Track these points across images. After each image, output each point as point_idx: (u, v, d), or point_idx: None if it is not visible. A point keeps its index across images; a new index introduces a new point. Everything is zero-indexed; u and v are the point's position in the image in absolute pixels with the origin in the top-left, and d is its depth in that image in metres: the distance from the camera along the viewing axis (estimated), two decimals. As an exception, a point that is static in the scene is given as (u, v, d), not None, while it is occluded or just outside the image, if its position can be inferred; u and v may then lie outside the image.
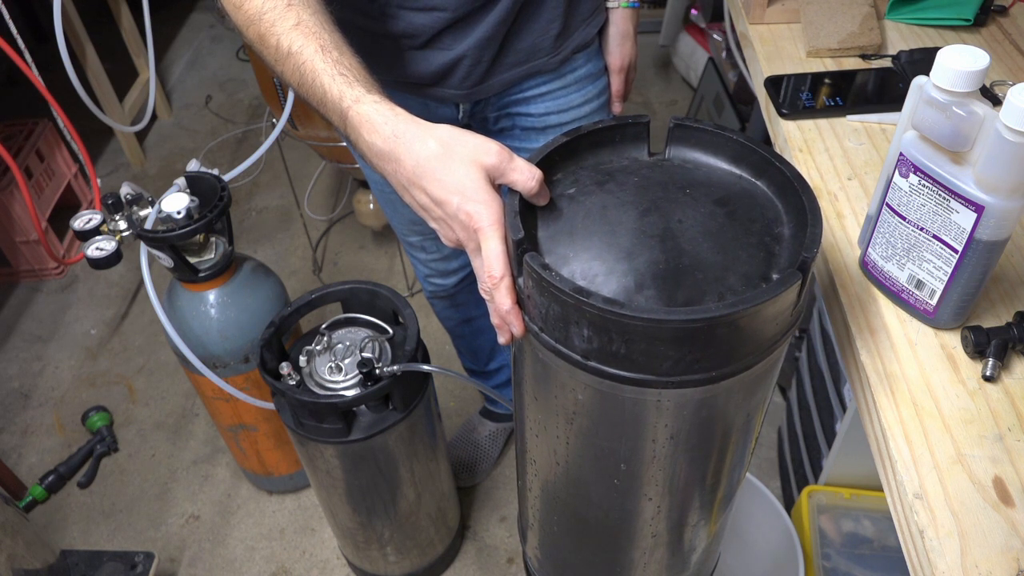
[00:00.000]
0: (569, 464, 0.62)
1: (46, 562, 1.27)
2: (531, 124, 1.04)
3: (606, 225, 0.55)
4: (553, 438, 0.61)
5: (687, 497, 0.63)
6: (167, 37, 3.14)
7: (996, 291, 0.74)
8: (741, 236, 0.54)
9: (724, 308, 0.47)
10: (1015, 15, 1.09)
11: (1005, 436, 0.63)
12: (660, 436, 0.55)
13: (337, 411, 1.10)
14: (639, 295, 0.50)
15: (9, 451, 1.78)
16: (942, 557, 0.57)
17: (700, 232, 0.54)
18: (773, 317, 0.50)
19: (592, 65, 1.04)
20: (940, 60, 0.59)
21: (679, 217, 0.55)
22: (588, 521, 0.67)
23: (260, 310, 1.33)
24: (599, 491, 0.62)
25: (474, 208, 0.54)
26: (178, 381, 1.89)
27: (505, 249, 0.54)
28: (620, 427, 0.55)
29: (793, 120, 0.95)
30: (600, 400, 0.53)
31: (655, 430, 0.54)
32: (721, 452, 0.60)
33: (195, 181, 1.26)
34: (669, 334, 0.47)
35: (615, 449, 0.57)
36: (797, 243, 0.53)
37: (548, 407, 0.59)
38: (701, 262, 0.52)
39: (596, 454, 0.59)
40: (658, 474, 0.59)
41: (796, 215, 0.54)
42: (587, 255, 0.53)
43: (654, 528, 0.65)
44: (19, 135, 2.12)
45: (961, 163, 0.62)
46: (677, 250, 0.53)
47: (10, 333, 2.06)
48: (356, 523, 1.33)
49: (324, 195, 2.39)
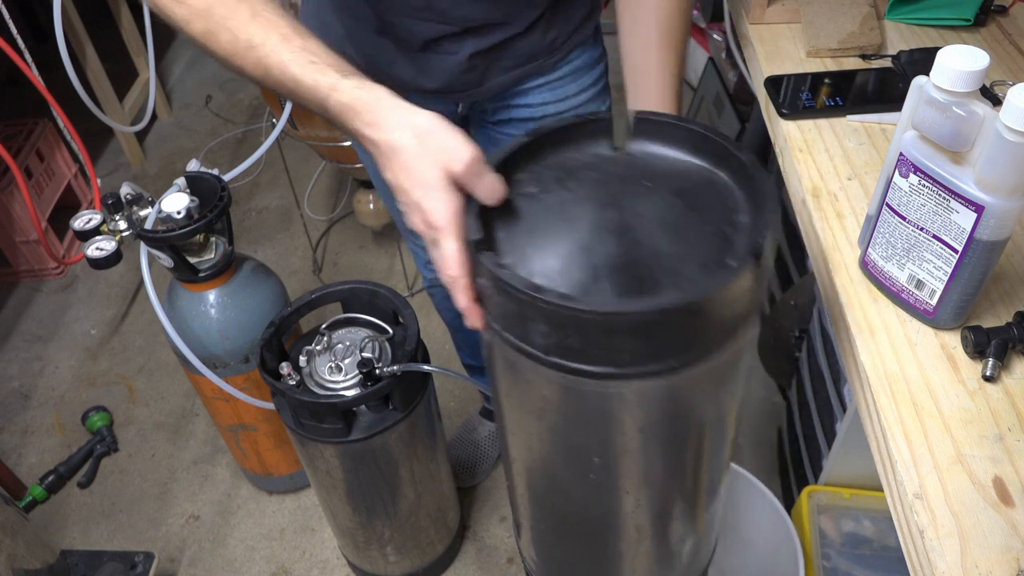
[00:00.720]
0: (545, 460, 0.63)
1: (46, 562, 1.27)
2: (528, 115, 1.04)
3: (565, 222, 0.55)
4: (527, 435, 0.62)
5: (666, 489, 0.63)
6: (167, 37, 3.14)
7: (996, 291, 0.74)
8: (699, 225, 0.54)
9: (675, 297, 0.47)
10: (1015, 15, 1.09)
11: (1005, 436, 0.63)
12: (629, 429, 0.55)
13: (337, 411, 1.10)
14: (595, 288, 0.51)
15: (9, 451, 1.78)
16: (942, 557, 0.57)
17: (658, 224, 0.55)
18: (729, 304, 0.50)
19: (587, 56, 1.04)
20: (940, 60, 0.59)
21: (637, 210, 0.56)
22: (570, 517, 0.67)
23: (260, 310, 1.33)
24: (576, 487, 0.62)
25: (433, 206, 0.55)
26: (178, 381, 1.89)
27: (462, 248, 0.54)
28: (588, 422, 0.55)
29: (793, 120, 0.95)
30: (565, 395, 0.54)
31: (623, 423, 0.55)
32: (696, 444, 0.60)
33: (195, 181, 1.26)
34: (623, 326, 0.47)
35: (586, 444, 0.58)
36: (756, 230, 0.53)
37: (519, 404, 0.59)
38: (657, 253, 0.53)
39: (568, 449, 0.59)
40: (632, 467, 0.59)
41: (755, 203, 0.54)
42: (545, 252, 0.54)
43: (636, 521, 0.65)
44: (19, 135, 2.12)
45: (961, 163, 0.62)
46: (634, 242, 0.53)
47: (10, 333, 2.06)
48: (356, 523, 1.33)
49: (324, 195, 2.39)
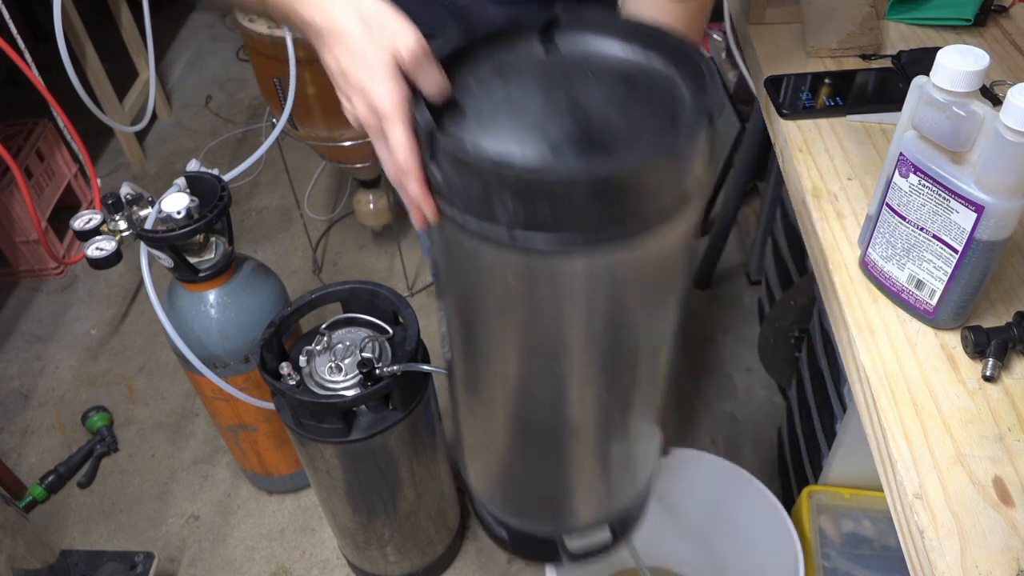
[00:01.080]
0: (506, 360, 0.62)
1: (46, 562, 1.27)
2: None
3: (513, 108, 0.55)
4: (485, 335, 0.61)
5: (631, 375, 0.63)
6: (167, 37, 3.14)
7: (996, 291, 0.74)
8: (646, 103, 0.55)
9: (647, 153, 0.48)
10: (1015, 15, 1.09)
11: (1005, 436, 0.63)
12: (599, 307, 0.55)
13: (337, 411, 1.10)
14: (558, 159, 0.51)
15: (9, 451, 1.78)
16: (942, 557, 0.57)
17: (606, 103, 0.55)
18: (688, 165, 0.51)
19: None
20: (940, 60, 0.59)
21: (584, 94, 0.56)
22: (529, 421, 0.66)
23: (260, 310, 1.33)
24: (538, 383, 0.62)
25: (379, 91, 0.53)
26: (178, 381, 1.89)
27: (412, 134, 0.53)
28: (552, 307, 0.55)
29: (793, 120, 0.95)
30: (529, 278, 0.53)
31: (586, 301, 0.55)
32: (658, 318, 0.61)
33: (195, 181, 1.26)
34: (590, 186, 0.47)
35: (552, 333, 0.57)
36: (700, 108, 0.53)
37: (477, 303, 0.59)
38: (612, 127, 0.53)
39: (531, 342, 0.59)
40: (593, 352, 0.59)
41: (695, 84, 0.55)
42: (499, 137, 0.53)
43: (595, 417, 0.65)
44: (19, 135, 2.12)
45: (961, 163, 0.62)
46: (587, 120, 0.54)
47: (10, 333, 2.06)
48: (356, 523, 1.33)
49: (324, 195, 2.39)
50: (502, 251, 0.51)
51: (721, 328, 1.89)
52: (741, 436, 1.68)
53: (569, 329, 0.57)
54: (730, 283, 2.00)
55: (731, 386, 1.77)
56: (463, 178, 0.50)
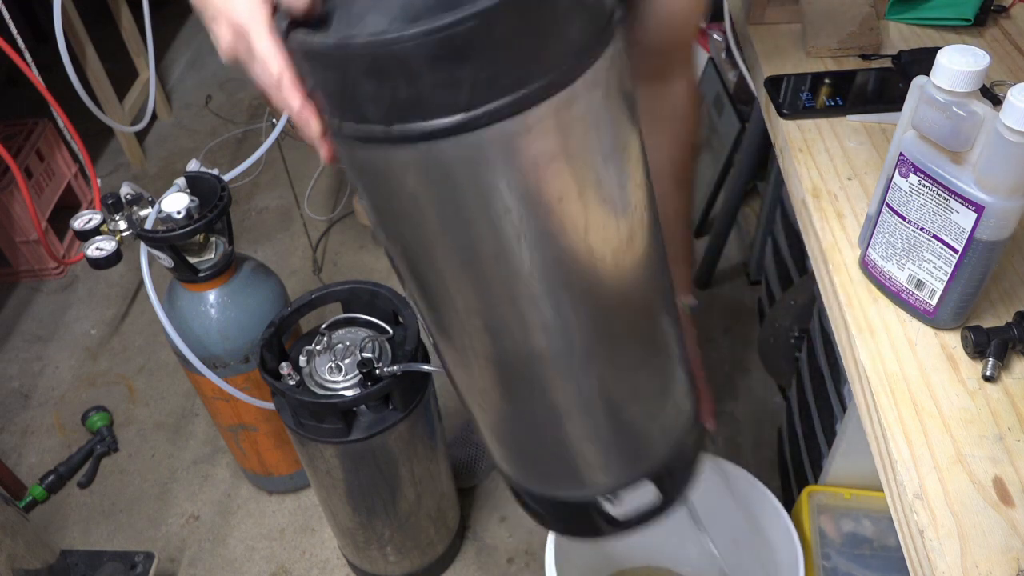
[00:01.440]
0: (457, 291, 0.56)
1: (46, 562, 1.27)
2: None
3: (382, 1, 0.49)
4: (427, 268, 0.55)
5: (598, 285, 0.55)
6: (167, 37, 3.14)
7: (996, 291, 0.74)
8: None
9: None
10: (1015, 15, 1.09)
11: (1005, 436, 0.63)
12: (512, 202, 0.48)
13: (337, 411, 1.10)
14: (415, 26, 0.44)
15: (9, 451, 1.78)
16: (942, 557, 0.57)
17: None
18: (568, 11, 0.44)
19: None
20: (940, 60, 0.59)
21: None
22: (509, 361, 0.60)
23: (260, 310, 1.33)
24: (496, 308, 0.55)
25: (235, 5, 0.52)
26: (178, 381, 1.89)
27: (278, 40, 0.50)
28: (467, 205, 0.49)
29: (793, 120, 0.95)
30: (428, 176, 0.47)
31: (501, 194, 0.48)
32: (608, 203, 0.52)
33: (195, 181, 1.26)
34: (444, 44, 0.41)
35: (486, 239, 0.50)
36: None
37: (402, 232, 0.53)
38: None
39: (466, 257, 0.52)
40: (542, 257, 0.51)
41: None
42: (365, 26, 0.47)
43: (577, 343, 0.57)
44: (19, 135, 2.12)
45: (961, 163, 0.62)
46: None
47: (10, 333, 2.06)
48: (356, 523, 1.33)
49: (324, 195, 2.39)
50: (389, 151, 0.46)
51: (721, 328, 1.89)
52: (741, 436, 1.68)
53: (502, 233, 0.50)
54: (730, 283, 2.00)
55: (731, 386, 1.77)
56: (322, 73, 0.46)
